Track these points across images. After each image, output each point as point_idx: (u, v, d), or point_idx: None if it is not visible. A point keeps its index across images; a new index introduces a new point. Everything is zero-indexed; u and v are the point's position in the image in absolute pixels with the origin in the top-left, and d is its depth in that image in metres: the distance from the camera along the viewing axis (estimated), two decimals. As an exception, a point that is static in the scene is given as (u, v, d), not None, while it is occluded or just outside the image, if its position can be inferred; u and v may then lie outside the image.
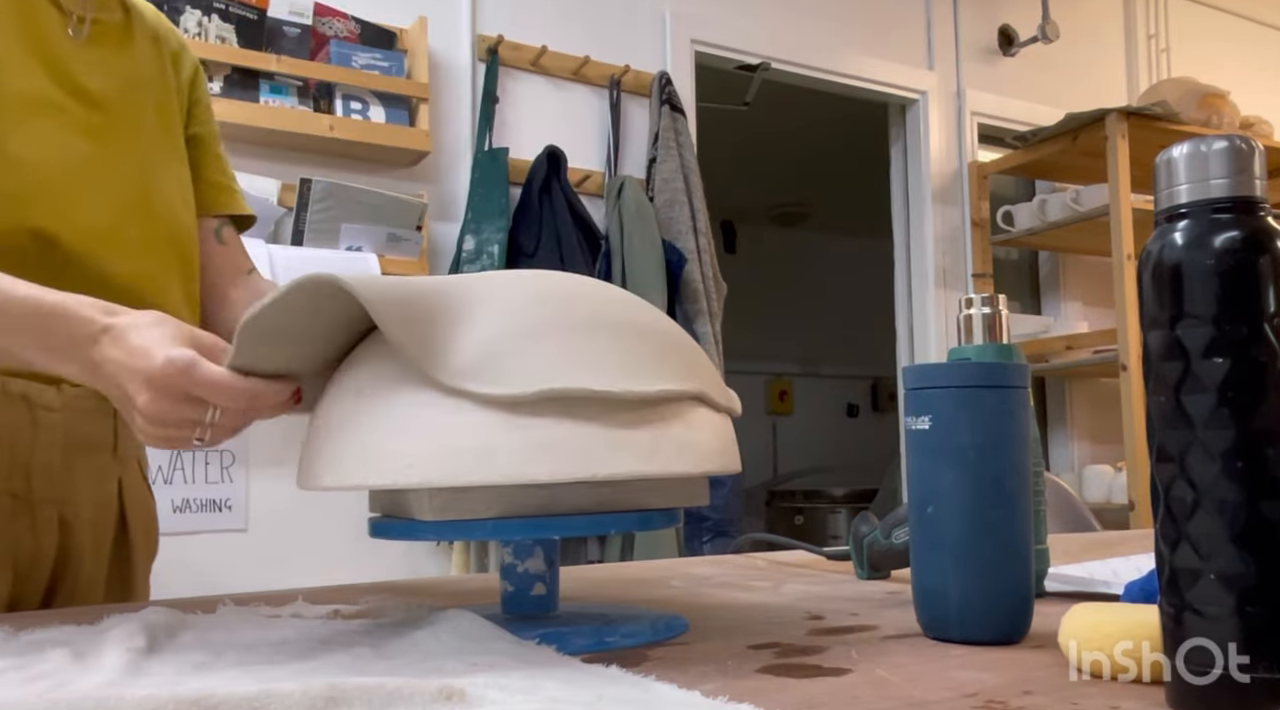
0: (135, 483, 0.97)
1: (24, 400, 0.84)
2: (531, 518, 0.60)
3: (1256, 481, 0.41)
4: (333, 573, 1.82)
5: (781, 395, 5.82)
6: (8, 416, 0.83)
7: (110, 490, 0.93)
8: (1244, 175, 0.42)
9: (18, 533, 0.84)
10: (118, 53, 0.92)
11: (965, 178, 3.41)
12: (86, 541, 0.89)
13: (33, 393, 0.84)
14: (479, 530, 0.60)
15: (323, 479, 0.60)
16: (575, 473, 0.56)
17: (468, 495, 0.59)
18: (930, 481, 0.60)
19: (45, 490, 0.85)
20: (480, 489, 0.58)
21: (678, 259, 2.56)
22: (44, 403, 0.85)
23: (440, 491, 0.58)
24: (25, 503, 0.84)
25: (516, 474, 0.56)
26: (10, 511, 0.83)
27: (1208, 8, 4.04)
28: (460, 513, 0.59)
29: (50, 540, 0.86)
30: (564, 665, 0.52)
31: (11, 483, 0.83)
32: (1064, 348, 3.23)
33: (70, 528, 0.88)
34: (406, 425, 0.57)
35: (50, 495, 0.86)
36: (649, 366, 0.61)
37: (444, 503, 0.59)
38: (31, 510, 0.85)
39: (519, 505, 0.59)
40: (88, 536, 0.90)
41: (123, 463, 0.94)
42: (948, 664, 0.54)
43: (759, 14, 3.04)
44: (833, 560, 0.99)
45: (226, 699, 0.42)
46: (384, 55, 2.35)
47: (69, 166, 0.84)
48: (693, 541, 2.52)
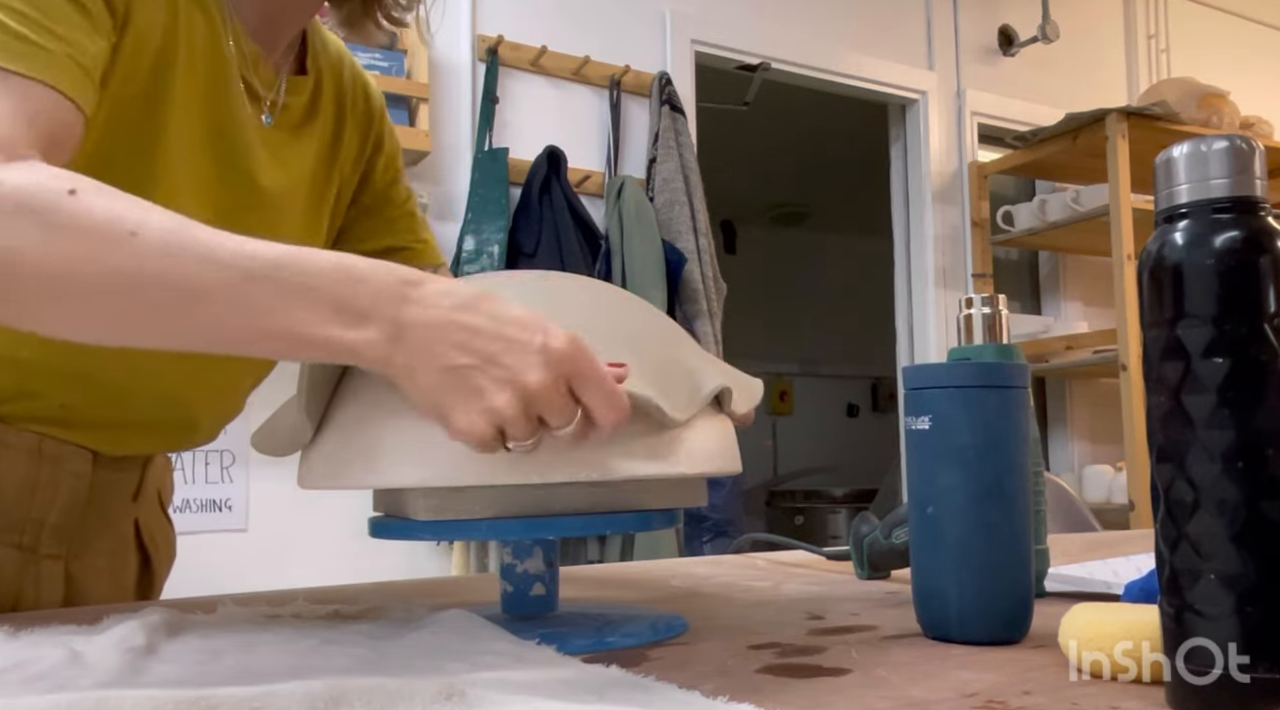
0: (152, 519, 0.94)
1: (55, 462, 0.81)
2: (526, 518, 0.60)
3: (1256, 481, 0.41)
4: (333, 573, 1.82)
5: (781, 395, 5.82)
6: (32, 476, 0.80)
7: (125, 534, 0.91)
8: (1244, 175, 0.42)
9: (21, 586, 0.81)
10: (297, 134, 0.87)
11: (965, 178, 3.41)
12: (101, 591, 0.87)
13: (66, 455, 0.81)
14: (474, 530, 0.60)
15: (321, 479, 0.60)
16: (568, 475, 0.56)
17: (462, 495, 0.59)
18: (930, 481, 0.60)
19: (53, 547, 0.83)
20: (475, 489, 0.58)
21: (678, 259, 2.56)
22: (74, 469, 0.82)
23: (435, 491, 0.59)
24: (31, 556, 0.82)
25: (509, 475, 0.56)
26: (16, 564, 0.81)
27: (1208, 8, 4.04)
28: (455, 513, 0.59)
29: (55, 595, 0.83)
30: (564, 665, 0.52)
31: (20, 537, 0.81)
32: (1064, 348, 3.23)
33: (76, 582, 0.85)
34: (402, 425, 0.57)
35: (58, 551, 0.83)
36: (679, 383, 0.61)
37: (439, 503, 0.59)
38: (36, 564, 0.82)
39: (514, 505, 0.59)
40: (104, 586, 0.87)
41: (141, 505, 0.92)
42: (948, 664, 0.54)
43: (759, 14, 3.04)
44: (833, 560, 0.99)
45: (226, 699, 0.42)
46: (384, 55, 2.35)
47: None
48: (693, 541, 2.52)
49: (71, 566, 0.85)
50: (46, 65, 0.61)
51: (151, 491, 0.94)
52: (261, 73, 0.83)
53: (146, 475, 0.91)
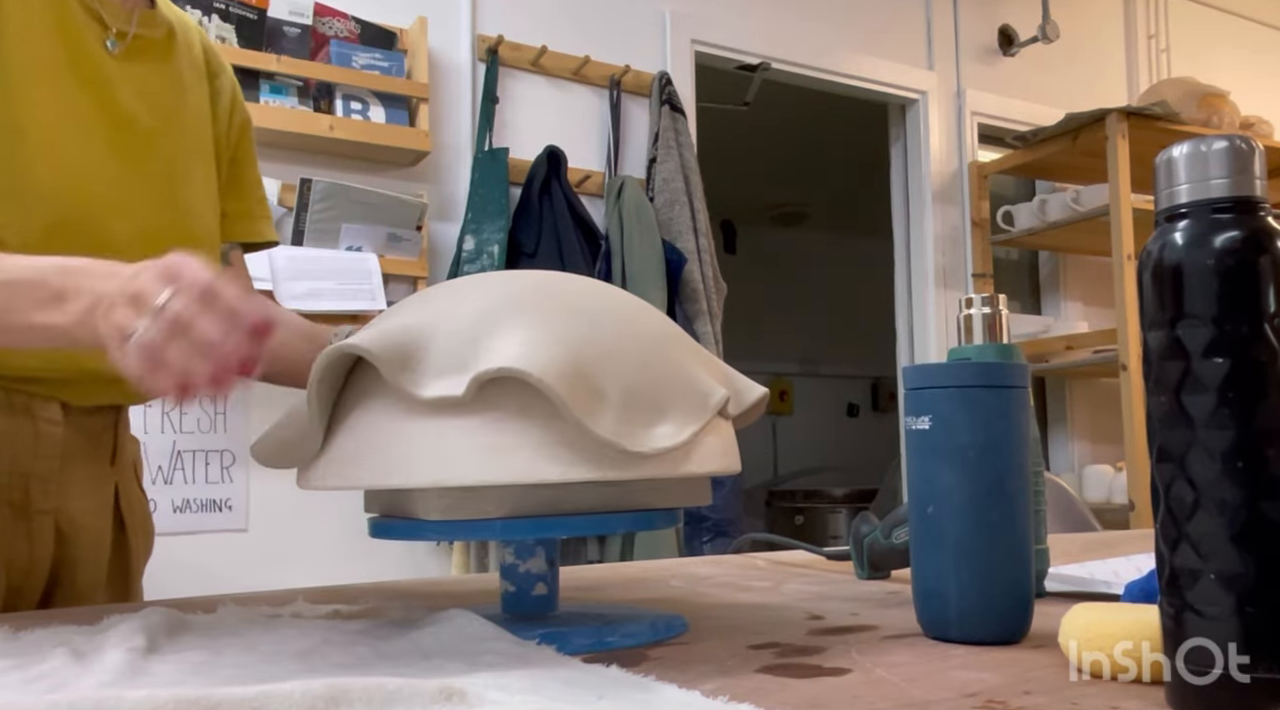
0: (130, 487, 0.97)
1: (27, 413, 0.84)
2: (538, 517, 0.60)
3: (1256, 481, 0.41)
4: (333, 573, 1.82)
5: (781, 395, 5.82)
6: (10, 427, 0.83)
7: (106, 497, 0.93)
8: (1244, 175, 0.42)
9: (14, 542, 0.84)
10: (155, 70, 0.91)
11: (965, 178, 3.41)
12: (85, 550, 0.89)
13: (36, 406, 0.84)
14: (487, 530, 0.60)
15: (332, 479, 0.60)
16: (587, 473, 0.56)
17: (476, 495, 0.59)
18: (930, 481, 0.60)
19: (42, 501, 0.85)
20: (489, 489, 0.58)
21: (678, 259, 2.56)
22: (47, 416, 0.85)
23: (449, 491, 0.58)
24: (22, 512, 0.84)
25: (529, 473, 0.56)
26: (8, 521, 0.83)
27: (1208, 8, 4.04)
28: (468, 513, 0.59)
29: (45, 550, 0.86)
30: (564, 665, 0.52)
31: (10, 493, 0.83)
32: (1064, 348, 3.23)
33: (66, 537, 0.88)
34: (417, 425, 0.57)
35: (47, 506, 0.86)
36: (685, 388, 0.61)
37: (453, 502, 0.59)
38: (28, 520, 0.85)
39: (526, 505, 0.59)
40: (86, 545, 0.89)
41: (119, 470, 0.94)
42: (948, 664, 0.54)
43: (759, 14, 3.04)
44: (833, 560, 0.99)
45: (226, 699, 0.42)
46: (384, 55, 2.35)
47: (96, 192, 0.83)
48: (693, 541, 2.52)
49: (60, 522, 0.87)
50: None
51: (127, 460, 0.96)
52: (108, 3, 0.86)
53: (119, 439, 0.93)
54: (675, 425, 0.59)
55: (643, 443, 0.57)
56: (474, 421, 0.56)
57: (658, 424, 0.59)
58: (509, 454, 0.56)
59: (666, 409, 0.60)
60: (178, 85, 0.93)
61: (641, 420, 0.58)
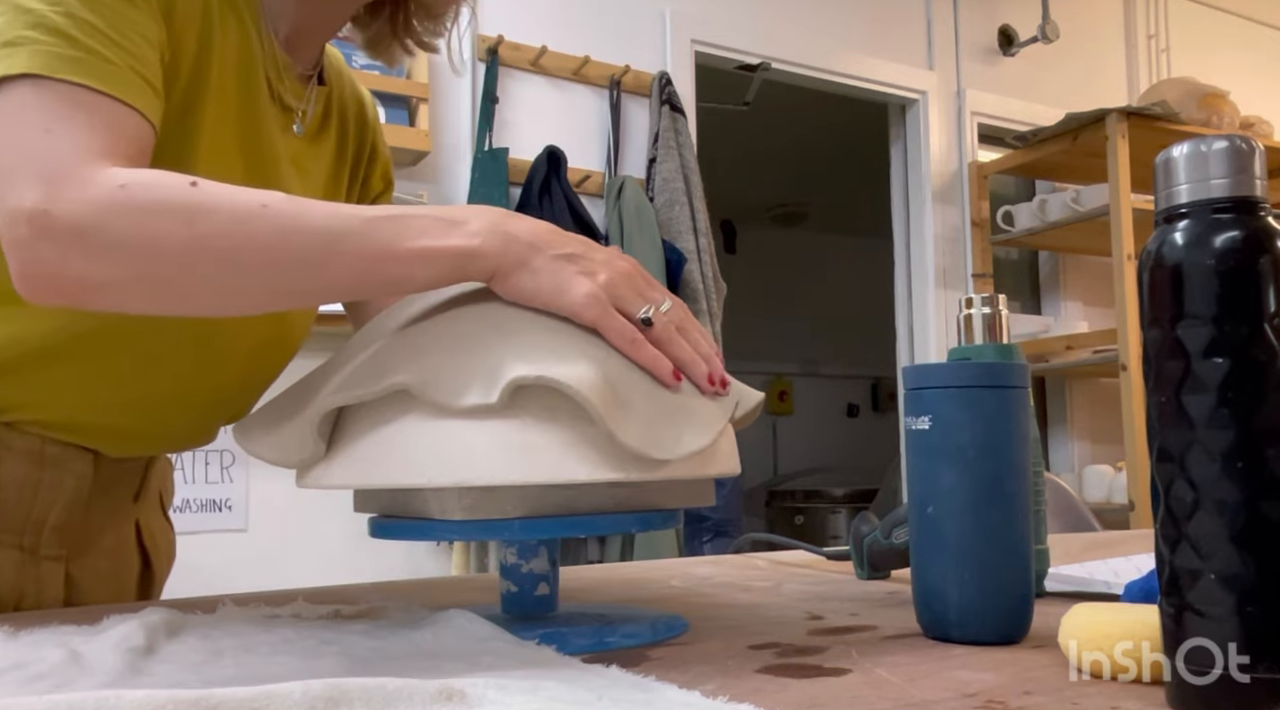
0: (152, 520, 0.94)
1: (56, 464, 0.81)
2: (556, 517, 0.60)
3: (1256, 481, 0.41)
4: (333, 573, 1.82)
5: (781, 395, 5.81)
6: (35, 478, 0.80)
7: (126, 535, 0.91)
8: (1244, 175, 0.42)
9: (23, 587, 0.81)
10: (312, 146, 0.88)
11: (965, 178, 3.41)
12: (102, 592, 0.87)
13: (68, 457, 0.81)
14: (506, 530, 0.60)
15: (347, 478, 0.60)
16: (613, 474, 0.56)
17: (496, 495, 0.59)
18: (930, 481, 0.60)
19: (54, 548, 0.83)
20: (510, 489, 0.58)
21: (678, 259, 2.56)
22: (77, 469, 0.82)
23: (469, 491, 0.58)
24: (33, 557, 0.82)
25: (558, 473, 0.56)
26: (16, 564, 0.81)
27: (1208, 8, 4.04)
28: (489, 512, 0.59)
29: (55, 596, 0.84)
30: (564, 665, 0.52)
31: (22, 538, 0.81)
32: (1064, 348, 3.23)
33: (76, 583, 0.85)
34: (437, 425, 0.57)
35: (58, 553, 0.83)
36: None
37: (473, 502, 0.59)
38: (38, 565, 0.82)
39: (543, 505, 0.59)
40: (104, 587, 0.88)
41: (142, 505, 0.92)
42: (948, 664, 0.54)
43: (759, 14, 3.04)
44: (833, 560, 0.99)
45: (226, 699, 0.42)
46: (384, 55, 2.35)
47: None
48: (693, 541, 2.52)
49: (72, 568, 0.85)
50: (120, 82, 0.65)
51: (153, 492, 0.94)
52: (290, 83, 0.83)
53: (148, 476, 0.91)
54: (696, 431, 0.60)
55: (669, 450, 0.58)
56: (500, 423, 0.57)
57: (680, 430, 0.59)
58: (538, 454, 0.56)
59: (686, 415, 0.60)
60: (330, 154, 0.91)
61: (663, 427, 0.59)
